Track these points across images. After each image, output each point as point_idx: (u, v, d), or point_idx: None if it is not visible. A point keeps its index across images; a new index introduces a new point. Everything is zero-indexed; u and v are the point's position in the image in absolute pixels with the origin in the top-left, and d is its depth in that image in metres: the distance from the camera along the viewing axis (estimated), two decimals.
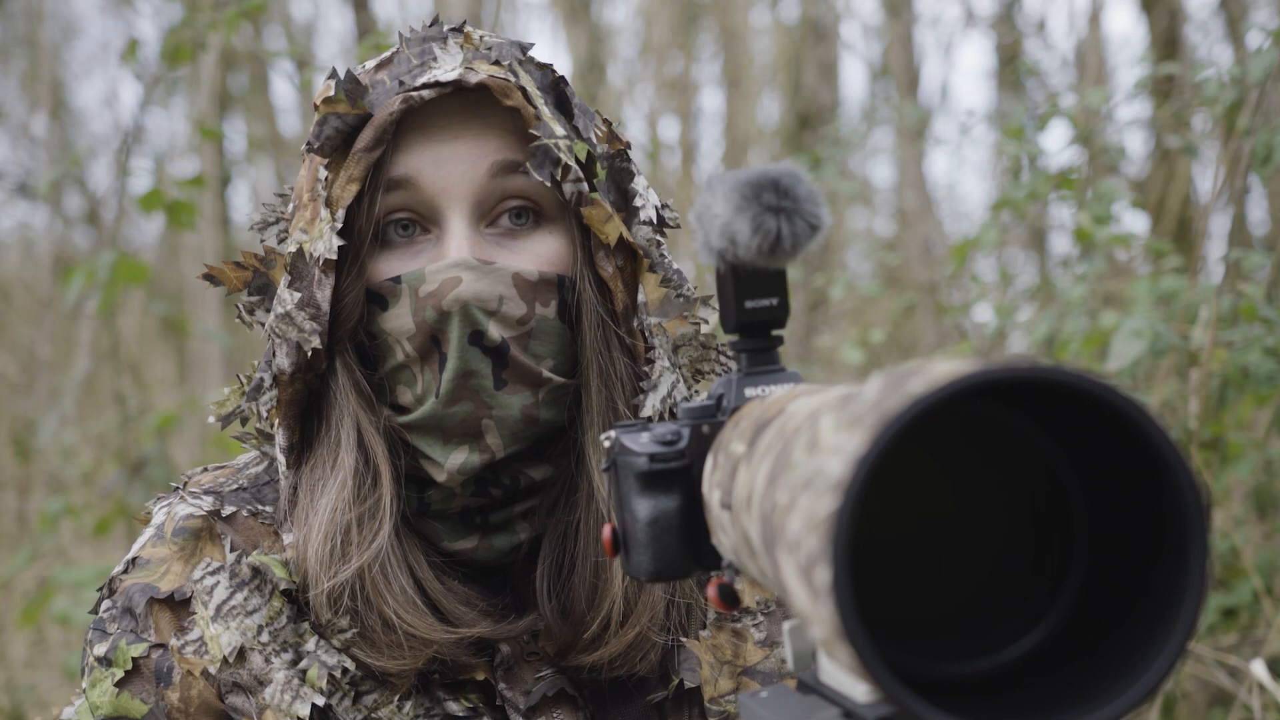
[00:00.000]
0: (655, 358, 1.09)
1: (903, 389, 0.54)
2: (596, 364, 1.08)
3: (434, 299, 1.04)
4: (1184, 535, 0.57)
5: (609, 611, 1.07)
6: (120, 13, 8.00)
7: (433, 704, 1.08)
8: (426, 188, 1.05)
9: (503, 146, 1.06)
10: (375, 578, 1.04)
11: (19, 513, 5.82)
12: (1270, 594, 2.84)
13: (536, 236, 1.08)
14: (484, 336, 1.04)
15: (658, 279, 1.11)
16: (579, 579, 1.09)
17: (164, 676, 1.07)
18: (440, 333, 1.04)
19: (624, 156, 1.11)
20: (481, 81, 1.04)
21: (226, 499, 1.14)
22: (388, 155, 1.05)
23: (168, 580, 1.09)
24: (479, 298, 1.03)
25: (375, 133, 1.04)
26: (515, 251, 1.07)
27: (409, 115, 1.05)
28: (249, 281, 1.14)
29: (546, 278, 1.07)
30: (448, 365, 1.04)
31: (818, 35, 6.85)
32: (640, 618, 1.07)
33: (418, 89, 1.04)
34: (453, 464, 1.06)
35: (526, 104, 1.05)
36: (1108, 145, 3.42)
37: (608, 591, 1.07)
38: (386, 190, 1.05)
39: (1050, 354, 3.08)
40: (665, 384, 1.09)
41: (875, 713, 0.62)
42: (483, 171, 1.05)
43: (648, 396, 1.08)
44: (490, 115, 1.06)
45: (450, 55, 1.07)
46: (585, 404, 1.08)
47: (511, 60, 1.08)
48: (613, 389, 1.09)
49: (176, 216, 3.63)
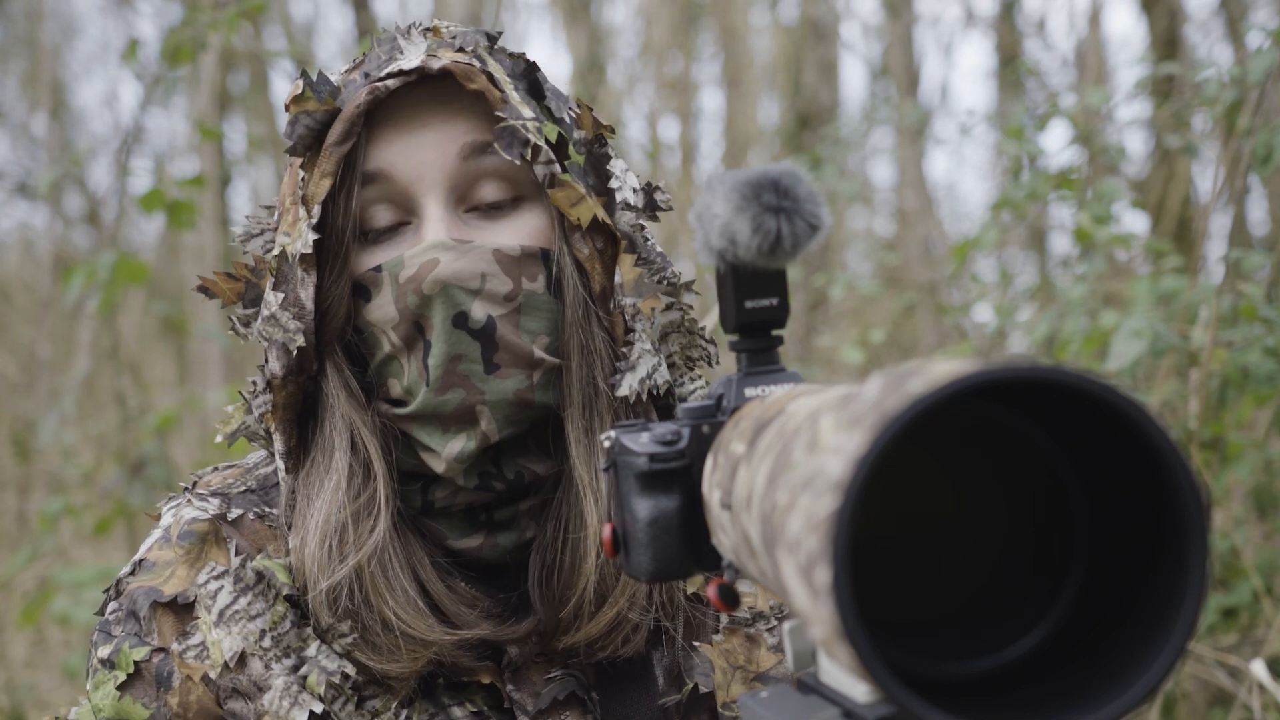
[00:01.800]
0: (635, 339, 1.08)
1: (903, 389, 0.54)
2: (578, 340, 1.08)
3: (414, 283, 1.04)
4: (1184, 535, 0.57)
5: (583, 591, 1.07)
6: (120, 13, 8.00)
7: (437, 709, 1.08)
8: (400, 178, 1.06)
9: (472, 129, 1.06)
10: (375, 577, 1.04)
11: (19, 513, 5.82)
12: (1270, 594, 2.84)
13: (517, 214, 1.08)
14: (468, 318, 1.04)
15: (633, 259, 1.10)
16: (560, 560, 1.08)
17: (164, 681, 1.07)
18: (423, 318, 1.04)
19: (602, 141, 1.11)
20: (444, 67, 1.05)
21: (234, 501, 1.14)
22: (359, 149, 1.06)
23: (172, 584, 1.09)
24: (458, 277, 1.03)
25: (344, 125, 1.05)
26: (495, 230, 1.07)
27: (378, 108, 1.06)
28: (242, 294, 1.14)
29: (529, 251, 1.06)
30: (433, 351, 1.04)
31: (818, 35, 6.85)
32: (619, 598, 1.07)
33: (383, 79, 1.05)
34: (450, 452, 1.06)
35: (492, 87, 1.05)
36: (1108, 145, 3.42)
37: (582, 570, 1.07)
38: (362, 185, 1.06)
39: (1050, 354, 3.08)
40: (644, 366, 1.08)
41: (875, 713, 0.62)
42: (454, 154, 1.06)
43: (624, 376, 1.07)
44: (458, 100, 1.07)
45: (415, 46, 1.08)
46: (565, 380, 1.08)
47: (476, 46, 1.09)
48: (593, 367, 1.08)
49: (177, 216, 3.63)
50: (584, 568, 1.07)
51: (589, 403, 1.08)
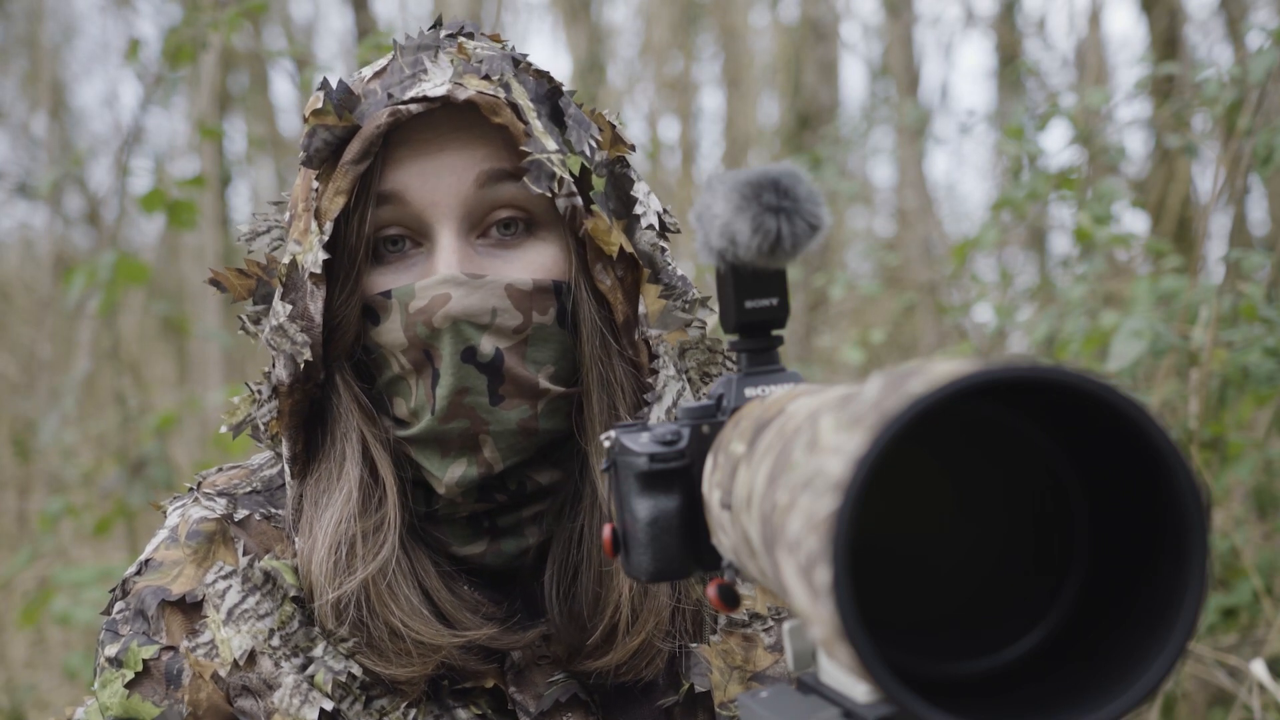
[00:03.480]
0: (660, 368, 1.08)
1: (903, 389, 0.54)
2: (597, 372, 1.07)
3: (424, 315, 1.03)
4: (1184, 535, 0.57)
5: (613, 618, 1.07)
6: (120, 13, 8.00)
7: (442, 711, 1.08)
8: (414, 201, 1.05)
9: (490, 156, 1.05)
10: (380, 589, 1.04)
11: (19, 513, 5.83)
12: (1270, 594, 2.84)
13: (530, 245, 1.07)
14: (476, 353, 1.03)
15: (658, 290, 1.10)
16: (584, 585, 1.08)
17: (174, 679, 1.07)
18: (432, 348, 1.04)
19: (624, 163, 1.10)
20: (470, 98, 1.03)
21: (240, 502, 1.14)
22: (376, 168, 1.05)
23: (180, 583, 1.09)
24: (469, 313, 1.03)
25: (362, 145, 1.04)
26: (508, 261, 1.06)
27: (397, 129, 1.05)
28: (253, 290, 1.13)
29: (542, 285, 1.06)
30: (441, 382, 1.04)
31: (818, 35, 6.85)
32: (645, 624, 1.07)
33: (405, 103, 1.04)
34: (450, 478, 1.06)
35: (516, 120, 1.04)
36: (1108, 145, 3.42)
37: (611, 599, 1.07)
38: (376, 205, 1.05)
39: (1050, 354, 3.08)
40: (670, 394, 1.08)
41: (875, 713, 0.62)
42: (470, 182, 1.05)
43: (653, 408, 1.07)
44: (478, 128, 1.05)
45: (440, 69, 1.06)
46: (587, 413, 1.08)
47: (503, 73, 1.07)
48: (614, 397, 1.08)
49: (178, 216, 3.63)
50: (612, 598, 1.07)
51: None
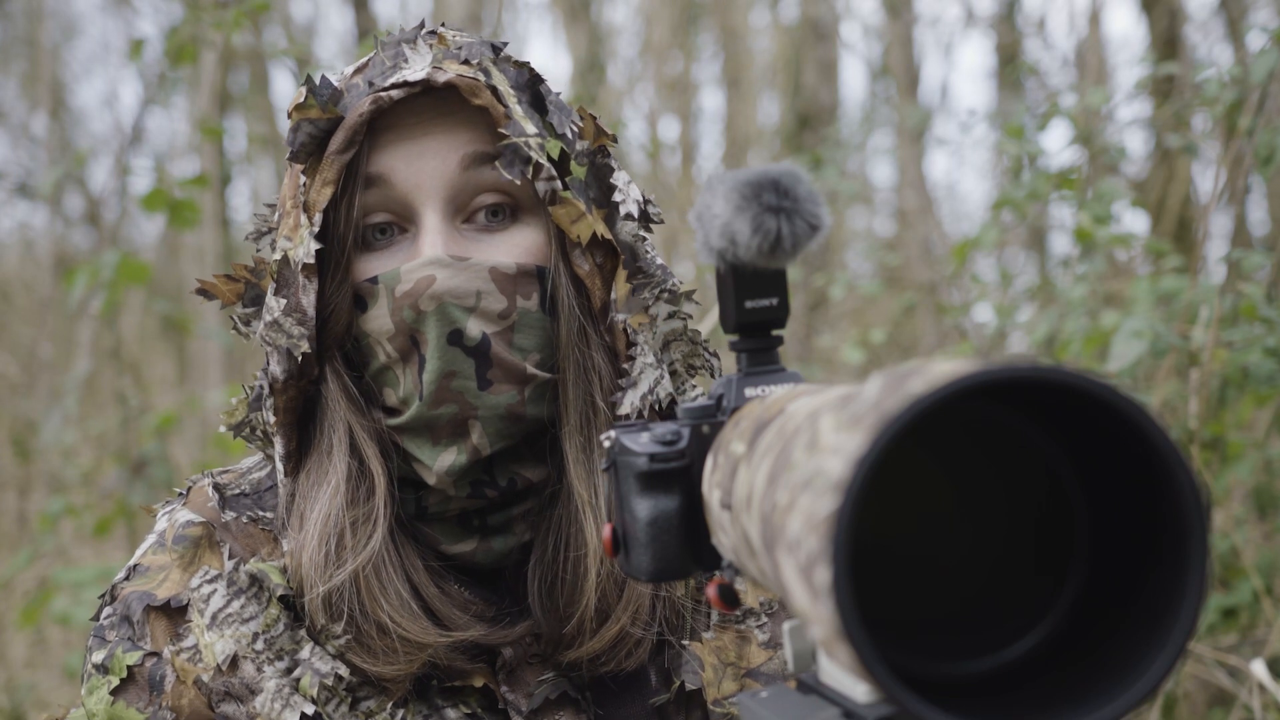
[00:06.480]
0: (637, 354, 1.08)
1: (903, 389, 0.54)
2: (574, 358, 1.08)
3: (410, 298, 1.04)
4: (1184, 535, 0.57)
5: (585, 607, 1.07)
6: (120, 13, 8.00)
7: (430, 710, 1.08)
8: (399, 184, 1.06)
9: (473, 139, 1.06)
10: (370, 582, 1.04)
11: (19, 513, 5.82)
12: (1270, 594, 2.84)
13: (514, 229, 1.08)
14: (463, 335, 1.04)
15: (625, 275, 1.10)
16: (561, 576, 1.09)
17: (157, 685, 1.07)
18: (418, 333, 1.05)
19: (604, 152, 1.11)
20: (449, 81, 1.04)
21: (228, 505, 1.14)
22: (361, 157, 1.06)
23: (165, 588, 1.10)
24: (454, 294, 1.04)
25: (346, 134, 1.05)
26: (493, 245, 1.07)
27: (380, 116, 1.06)
28: (241, 294, 1.14)
29: (525, 269, 1.07)
30: (427, 367, 1.04)
31: (818, 35, 6.84)
32: (621, 615, 1.07)
33: (386, 89, 1.05)
34: (440, 465, 1.06)
35: (495, 102, 1.05)
36: (1108, 145, 3.42)
37: (583, 587, 1.07)
38: (364, 189, 1.06)
39: (1050, 354, 3.07)
40: (646, 381, 1.08)
41: (875, 713, 0.62)
42: (454, 165, 1.06)
43: (626, 394, 1.07)
44: (460, 111, 1.06)
45: (420, 56, 1.08)
46: (562, 399, 1.08)
47: (482, 59, 1.08)
48: (590, 384, 1.08)
49: (179, 216, 3.63)
50: (585, 585, 1.07)
51: (587, 421, 1.08)
